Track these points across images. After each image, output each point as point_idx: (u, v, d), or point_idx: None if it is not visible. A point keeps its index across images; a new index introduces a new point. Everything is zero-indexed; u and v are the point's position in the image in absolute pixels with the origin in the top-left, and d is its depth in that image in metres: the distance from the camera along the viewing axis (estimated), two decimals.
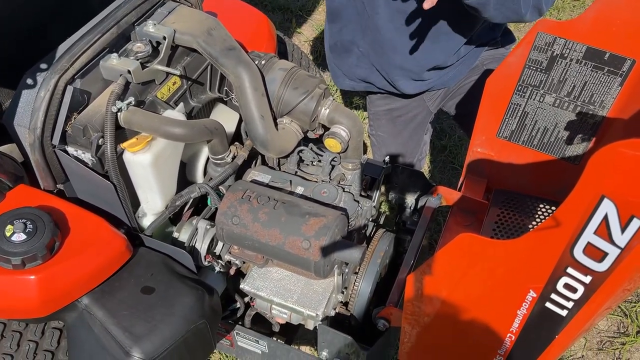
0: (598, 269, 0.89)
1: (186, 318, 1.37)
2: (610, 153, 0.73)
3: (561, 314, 1.01)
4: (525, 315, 1.07)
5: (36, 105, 1.29)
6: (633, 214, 0.78)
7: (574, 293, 0.96)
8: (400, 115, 2.34)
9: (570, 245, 0.88)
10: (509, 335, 1.14)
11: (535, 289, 0.99)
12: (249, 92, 1.45)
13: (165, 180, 1.46)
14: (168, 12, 1.53)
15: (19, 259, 1.23)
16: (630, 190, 0.76)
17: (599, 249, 0.86)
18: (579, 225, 0.84)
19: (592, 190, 0.79)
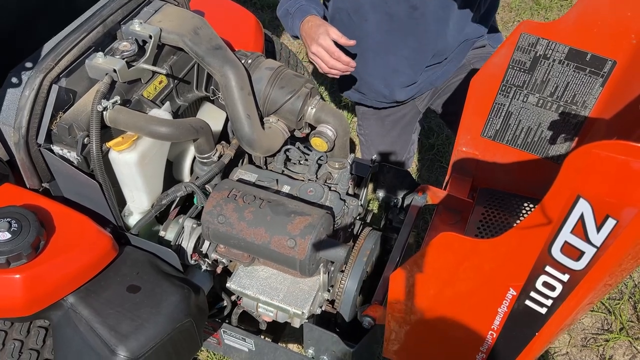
0: (575, 268, 0.90)
1: (172, 317, 1.37)
2: (585, 154, 0.75)
3: (540, 312, 1.03)
4: (506, 313, 1.08)
5: (21, 104, 1.29)
6: (608, 213, 0.80)
7: (552, 291, 0.97)
8: (389, 115, 2.35)
9: (548, 244, 0.90)
10: (490, 333, 1.15)
11: (515, 287, 1.01)
12: (236, 92, 1.46)
13: (151, 179, 1.46)
14: (154, 10, 1.53)
15: (3, 258, 1.23)
16: (604, 191, 0.77)
17: (576, 248, 0.87)
18: (556, 225, 0.86)
19: (568, 190, 0.80)
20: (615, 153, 0.73)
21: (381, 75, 2.09)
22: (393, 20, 1.89)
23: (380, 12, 1.90)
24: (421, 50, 1.98)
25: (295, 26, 1.87)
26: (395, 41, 1.96)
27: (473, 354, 1.24)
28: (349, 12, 1.96)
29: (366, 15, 1.93)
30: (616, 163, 0.73)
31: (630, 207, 0.77)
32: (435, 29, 1.91)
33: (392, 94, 2.14)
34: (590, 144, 0.73)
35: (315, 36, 1.76)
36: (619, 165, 0.73)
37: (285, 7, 1.92)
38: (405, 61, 2.01)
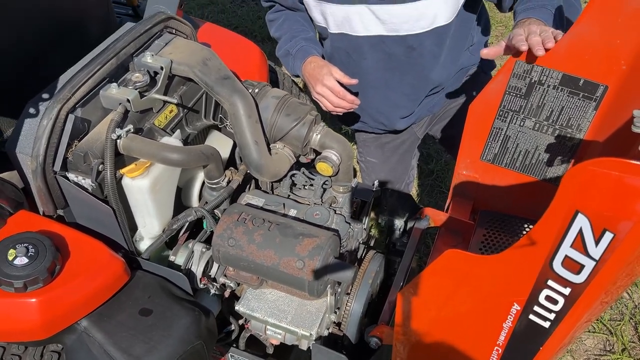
0: (576, 281, 0.95)
1: (183, 339, 1.40)
2: (582, 171, 0.80)
3: (544, 326, 1.06)
4: (511, 328, 1.12)
5: (39, 133, 1.34)
6: (605, 227, 0.84)
7: (555, 305, 1.01)
8: (389, 142, 2.41)
9: (549, 259, 0.94)
10: (495, 349, 1.18)
11: (519, 302, 1.05)
12: (244, 119, 1.52)
13: (163, 205, 1.50)
14: (165, 43, 1.59)
15: (21, 282, 1.27)
16: (601, 205, 0.82)
17: (576, 262, 0.92)
18: (557, 239, 0.90)
19: (566, 206, 0.85)
20: (610, 169, 0.78)
21: (381, 109, 2.15)
22: (391, 60, 1.96)
23: (378, 52, 1.96)
24: (419, 86, 2.04)
25: (296, 67, 1.93)
26: (394, 78, 2.02)
27: None
28: (348, 51, 2.02)
29: (365, 55, 1.99)
30: (611, 179, 0.79)
31: (626, 221, 0.82)
32: (431, 65, 1.97)
33: (392, 124, 2.21)
34: (586, 162, 0.79)
35: (320, 77, 1.82)
36: (614, 181, 0.79)
37: (285, 48, 1.98)
38: (404, 97, 2.08)
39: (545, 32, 1.42)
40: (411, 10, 1.85)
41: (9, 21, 1.50)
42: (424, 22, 1.87)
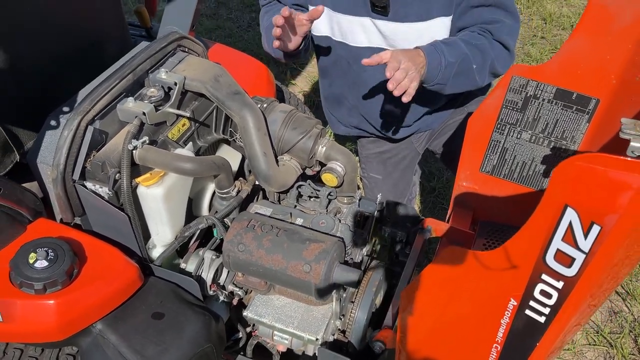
0: (568, 274, 1.00)
1: (194, 342, 1.46)
2: (569, 166, 0.87)
3: (540, 321, 1.12)
4: (509, 324, 1.17)
5: (60, 144, 1.42)
6: (593, 220, 0.91)
7: (549, 299, 1.07)
8: (390, 157, 2.49)
9: (542, 253, 1.00)
10: (494, 346, 1.23)
11: (516, 297, 1.10)
12: (253, 132, 1.59)
13: (175, 213, 1.57)
14: (178, 61, 1.68)
15: (41, 284, 1.33)
16: (588, 199, 0.89)
17: (567, 255, 0.98)
18: (549, 233, 0.97)
19: (556, 200, 0.92)
20: (595, 164, 0.84)
21: (380, 117, 2.23)
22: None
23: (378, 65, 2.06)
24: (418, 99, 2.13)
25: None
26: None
27: None
28: (349, 60, 2.11)
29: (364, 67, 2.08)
30: (596, 173, 0.85)
31: (612, 214, 0.88)
32: None
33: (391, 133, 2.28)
34: (573, 157, 0.85)
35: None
36: (599, 175, 0.85)
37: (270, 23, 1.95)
38: (402, 109, 2.16)
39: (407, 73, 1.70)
40: (411, 29, 1.95)
41: (33, 40, 1.59)
42: (421, 42, 1.97)
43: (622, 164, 0.84)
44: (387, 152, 2.48)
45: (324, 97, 2.33)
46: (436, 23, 1.94)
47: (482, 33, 1.93)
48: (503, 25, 1.92)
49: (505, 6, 1.91)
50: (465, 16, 1.93)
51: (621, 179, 0.84)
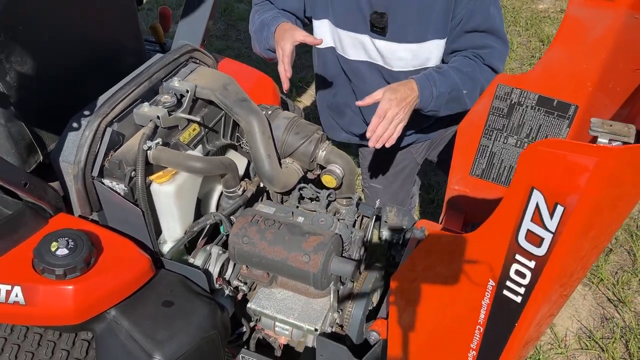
0: (538, 254, 1.11)
1: (201, 328, 1.56)
2: (533, 151, 0.98)
3: (517, 301, 1.22)
4: (489, 305, 1.27)
5: (81, 143, 1.55)
6: (557, 201, 1.02)
7: (523, 279, 1.17)
8: (390, 168, 2.61)
9: (515, 233, 1.11)
10: (477, 327, 1.34)
11: (493, 278, 1.21)
12: (258, 135, 1.72)
13: (185, 210, 1.69)
14: (190, 71, 1.82)
15: (61, 270, 1.44)
16: (551, 181, 1.00)
17: (536, 235, 1.09)
18: (519, 215, 1.08)
19: (524, 183, 1.03)
20: (555, 148, 0.96)
21: None
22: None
23: (377, 78, 2.19)
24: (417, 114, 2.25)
25: (270, 34, 2.01)
26: None
27: (465, 353, 1.41)
28: (349, 74, 2.25)
29: (365, 79, 2.22)
30: (557, 157, 0.97)
31: (573, 194, 1.00)
32: None
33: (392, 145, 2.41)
34: (537, 142, 0.97)
35: (281, 40, 1.93)
36: (559, 158, 0.97)
37: (261, 19, 2.09)
38: None
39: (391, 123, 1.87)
40: (407, 49, 2.08)
41: (57, 50, 1.73)
42: (416, 62, 2.10)
43: (579, 148, 0.95)
44: (387, 162, 2.60)
45: (327, 106, 2.46)
46: (431, 45, 2.07)
47: (473, 58, 2.05)
48: (494, 51, 2.05)
49: (497, 32, 2.04)
50: (459, 40, 2.06)
51: (578, 161, 0.96)
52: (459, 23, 1.99)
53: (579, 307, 2.63)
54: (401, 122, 1.91)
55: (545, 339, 2.51)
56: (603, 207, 1.04)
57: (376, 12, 2.02)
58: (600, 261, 2.81)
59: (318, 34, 2.18)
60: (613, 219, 1.14)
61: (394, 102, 1.87)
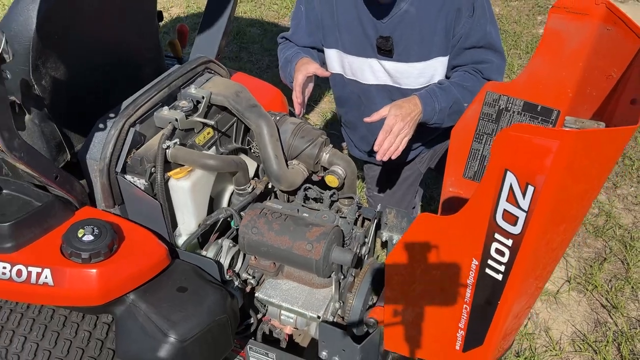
0: (514, 232, 1.25)
1: (212, 311, 1.69)
2: (504, 135, 1.12)
3: (498, 278, 1.35)
4: (474, 284, 1.40)
5: (107, 141, 1.72)
6: (527, 181, 1.16)
7: (502, 256, 1.30)
8: (394, 177, 2.75)
9: (492, 214, 1.25)
10: (464, 307, 1.46)
11: (477, 257, 1.34)
12: (267, 138, 1.88)
13: (199, 204, 1.84)
14: (206, 80, 2.00)
15: (87, 254, 1.59)
16: (521, 163, 1.14)
17: (512, 214, 1.22)
18: (495, 196, 1.22)
19: (498, 165, 1.17)
20: (522, 133, 1.11)
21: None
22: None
23: (385, 98, 2.35)
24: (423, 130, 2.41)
25: (292, 68, 2.22)
26: None
27: (454, 333, 1.54)
28: (360, 95, 2.41)
29: (374, 99, 2.38)
30: (524, 141, 1.11)
31: (540, 174, 1.14)
32: None
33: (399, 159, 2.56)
34: (508, 127, 1.12)
35: (298, 71, 2.14)
36: (526, 142, 1.11)
37: (286, 55, 2.30)
38: None
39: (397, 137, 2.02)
40: (413, 68, 2.24)
41: (86, 59, 1.91)
42: (422, 79, 2.26)
43: (544, 132, 1.10)
44: (392, 172, 2.75)
45: (342, 123, 2.64)
46: (435, 62, 2.24)
47: (473, 73, 2.21)
48: (492, 65, 2.20)
49: (494, 47, 2.20)
50: (460, 56, 2.22)
51: (543, 144, 1.10)
52: (459, 41, 2.15)
53: (574, 312, 2.73)
54: (406, 136, 2.06)
55: (541, 342, 2.61)
56: (569, 186, 1.17)
57: (382, 37, 2.19)
58: (595, 269, 2.91)
59: (328, 61, 2.36)
60: (579, 200, 1.28)
61: (399, 117, 2.01)
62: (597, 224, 3.21)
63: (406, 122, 2.03)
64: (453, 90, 2.15)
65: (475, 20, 2.11)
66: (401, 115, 2.02)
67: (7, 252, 1.62)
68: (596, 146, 1.13)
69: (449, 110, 2.15)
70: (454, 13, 2.08)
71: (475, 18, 2.09)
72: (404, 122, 2.02)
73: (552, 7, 1.66)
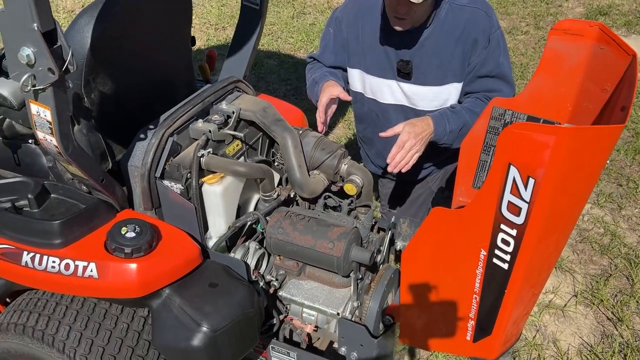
0: (518, 222, 1.40)
1: (241, 305, 1.84)
2: (508, 133, 1.29)
3: (504, 267, 1.49)
4: (482, 274, 1.54)
5: (148, 148, 1.90)
6: (529, 174, 1.31)
7: (508, 246, 1.45)
8: (407, 195, 2.90)
9: (498, 206, 1.40)
10: (474, 297, 1.60)
11: (484, 247, 1.49)
12: (291, 149, 2.05)
13: (229, 207, 2.01)
14: (235, 97, 2.19)
15: (130, 249, 1.75)
16: (522, 157, 1.30)
17: (516, 205, 1.38)
18: (501, 188, 1.37)
19: (502, 160, 1.33)
20: (524, 130, 1.27)
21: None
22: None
23: (401, 117, 2.52)
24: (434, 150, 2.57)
25: (319, 90, 2.38)
26: None
27: (465, 323, 1.67)
28: (378, 113, 2.59)
29: (390, 119, 2.55)
30: (525, 137, 1.27)
31: (540, 168, 1.29)
32: None
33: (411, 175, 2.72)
34: (510, 125, 1.28)
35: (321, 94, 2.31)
36: (527, 138, 1.27)
37: (313, 77, 2.47)
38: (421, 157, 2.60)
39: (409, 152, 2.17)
40: (430, 91, 2.42)
41: (130, 78, 2.10)
42: (437, 102, 2.44)
43: (542, 129, 1.26)
44: (404, 190, 2.90)
45: (359, 138, 2.81)
46: (449, 87, 2.41)
47: (484, 100, 2.38)
48: (502, 94, 2.36)
49: (505, 78, 2.36)
50: (473, 84, 2.39)
51: (542, 139, 1.26)
52: (473, 69, 2.33)
53: (581, 325, 2.84)
54: (417, 152, 2.21)
55: (549, 352, 2.71)
56: (566, 178, 1.33)
57: (402, 60, 2.37)
58: (601, 285, 3.03)
59: (351, 80, 2.55)
60: (576, 192, 1.43)
61: (412, 134, 2.18)
62: (603, 243, 3.33)
63: (418, 140, 2.19)
64: (464, 114, 2.32)
65: (490, 51, 2.28)
66: (414, 132, 2.18)
67: (57, 248, 1.79)
68: (589, 141, 1.29)
69: (458, 133, 2.31)
70: (470, 43, 2.26)
71: (490, 49, 2.27)
72: (416, 139, 2.18)
73: (551, 30, 1.84)
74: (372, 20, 2.38)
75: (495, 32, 2.26)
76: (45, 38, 1.40)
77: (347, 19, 2.45)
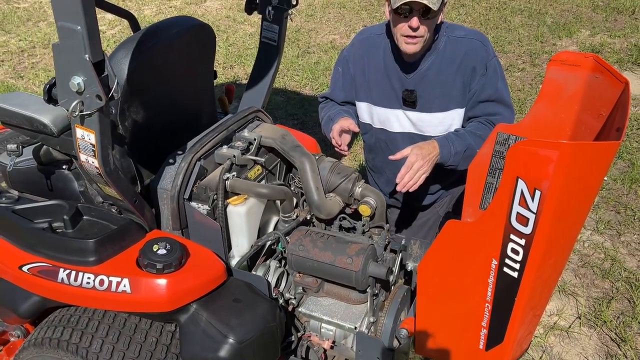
0: (526, 232, 1.52)
1: (264, 319, 1.94)
2: (515, 148, 1.43)
3: (514, 276, 1.61)
4: (494, 283, 1.66)
5: (177, 172, 2.03)
6: (535, 187, 1.45)
7: (517, 255, 1.57)
8: (415, 221, 3.03)
9: (508, 217, 1.53)
10: (486, 305, 1.71)
11: (496, 257, 1.61)
12: (309, 173, 2.19)
13: (252, 227, 2.13)
14: (256, 125, 2.34)
15: (161, 265, 1.87)
16: (529, 171, 1.43)
17: (524, 216, 1.51)
18: (510, 200, 1.50)
19: (511, 174, 1.46)
20: (530, 146, 1.41)
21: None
22: None
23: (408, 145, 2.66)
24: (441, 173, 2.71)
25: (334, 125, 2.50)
26: None
27: (478, 332, 1.78)
28: (387, 142, 2.74)
29: (399, 146, 2.69)
30: (531, 152, 1.41)
31: (545, 180, 1.43)
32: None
33: (419, 200, 2.85)
34: (518, 142, 1.42)
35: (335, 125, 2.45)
36: (532, 153, 1.41)
37: (328, 115, 2.61)
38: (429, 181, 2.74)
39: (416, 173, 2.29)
40: (434, 118, 2.58)
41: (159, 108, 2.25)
42: (442, 127, 2.59)
43: (546, 145, 1.40)
44: (412, 216, 3.03)
45: (368, 167, 2.95)
46: (453, 113, 2.57)
47: (486, 123, 2.54)
48: (502, 117, 2.53)
49: (504, 102, 2.53)
50: (474, 109, 2.55)
51: (546, 154, 1.40)
52: (474, 95, 2.49)
53: (586, 346, 2.93)
54: (424, 173, 2.36)
55: None
56: (569, 190, 1.46)
57: (407, 90, 2.54)
58: (603, 307, 3.12)
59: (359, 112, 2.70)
60: (578, 202, 1.56)
61: (420, 156, 2.33)
62: (604, 267, 3.44)
63: (425, 161, 2.34)
64: (467, 137, 2.47)
65: (488, 77, 2.45)
66: (421, 154, 2.33)
67: (91, 265, 1.91)
68: (589, 156, 1.42)
69: (463, 154, 2.45)
70: (469, 72, 2.43)
71: (487, 76, 2.44)
72: (424, 160, 2.33)
73: (550, 61, 2.00)
74: (377, 56, 2.55)
75: (491, 60, 2.43)
76: (95, 68, 1.55)
77: (354, 57, 2.62)
